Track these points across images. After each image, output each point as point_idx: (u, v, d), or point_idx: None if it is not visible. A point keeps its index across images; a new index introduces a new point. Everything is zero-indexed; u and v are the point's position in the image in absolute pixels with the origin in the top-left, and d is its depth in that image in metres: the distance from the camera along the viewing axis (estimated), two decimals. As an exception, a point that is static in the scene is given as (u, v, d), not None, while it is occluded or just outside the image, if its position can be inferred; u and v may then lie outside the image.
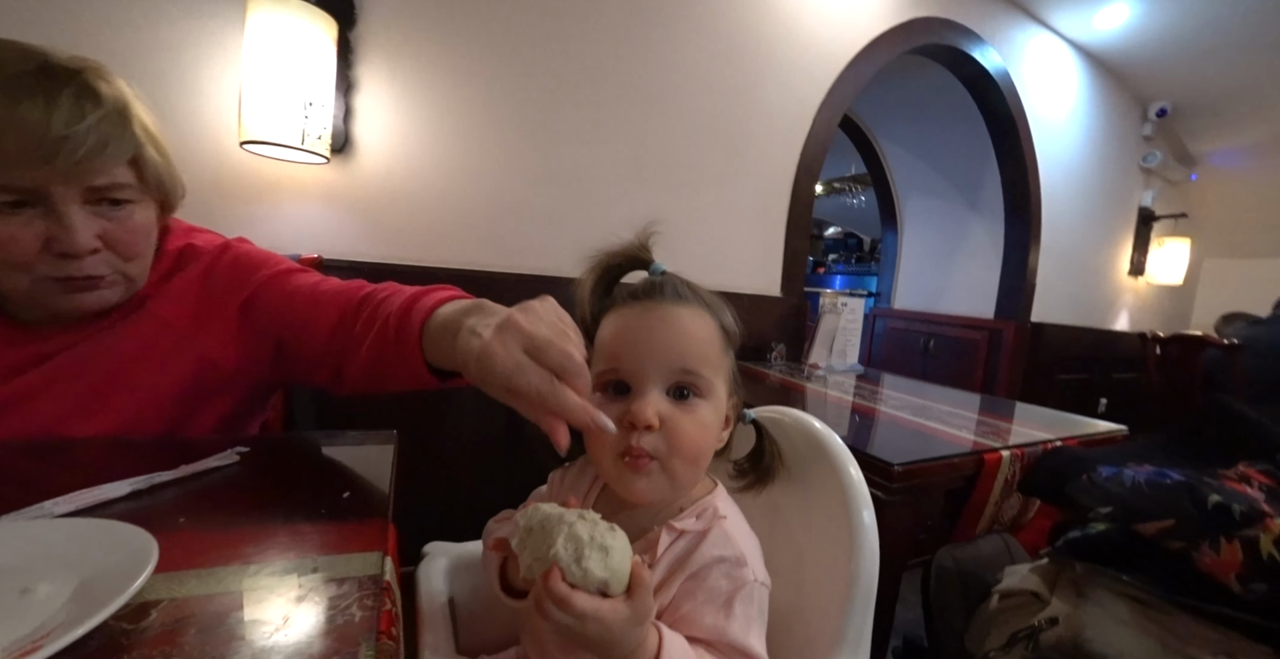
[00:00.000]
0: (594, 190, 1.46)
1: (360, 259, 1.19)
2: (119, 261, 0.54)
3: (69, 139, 0.47)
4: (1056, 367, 2.69)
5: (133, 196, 0.54)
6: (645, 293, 0.43)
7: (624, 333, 0.42)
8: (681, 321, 0.41)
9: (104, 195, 0.52)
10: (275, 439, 0.62)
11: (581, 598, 0.31)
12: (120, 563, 0.33)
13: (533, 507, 0.35)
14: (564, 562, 0.31)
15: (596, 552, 0.31)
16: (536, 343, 0.37)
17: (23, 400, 0.55)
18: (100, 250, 0.52)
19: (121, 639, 0.29)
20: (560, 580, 0.31)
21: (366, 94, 1.18)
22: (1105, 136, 2.83)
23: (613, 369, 0.41)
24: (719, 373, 0.42)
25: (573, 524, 0.32)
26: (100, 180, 0.51)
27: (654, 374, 0.40)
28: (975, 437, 0.96)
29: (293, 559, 0.38)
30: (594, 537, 0.32)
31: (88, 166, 0.49)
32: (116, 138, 0.50)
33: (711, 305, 0.44)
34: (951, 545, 0.86)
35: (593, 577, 0.31)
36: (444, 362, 0.51)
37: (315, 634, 0.31)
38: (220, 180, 1.07)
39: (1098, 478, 0.64)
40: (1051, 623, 0.63)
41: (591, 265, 0.45)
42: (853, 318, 1.62)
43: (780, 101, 1.75)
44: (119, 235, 0.53)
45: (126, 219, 0.54)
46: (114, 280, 0.55)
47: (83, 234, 0.50)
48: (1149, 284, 3.23)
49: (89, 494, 0.44)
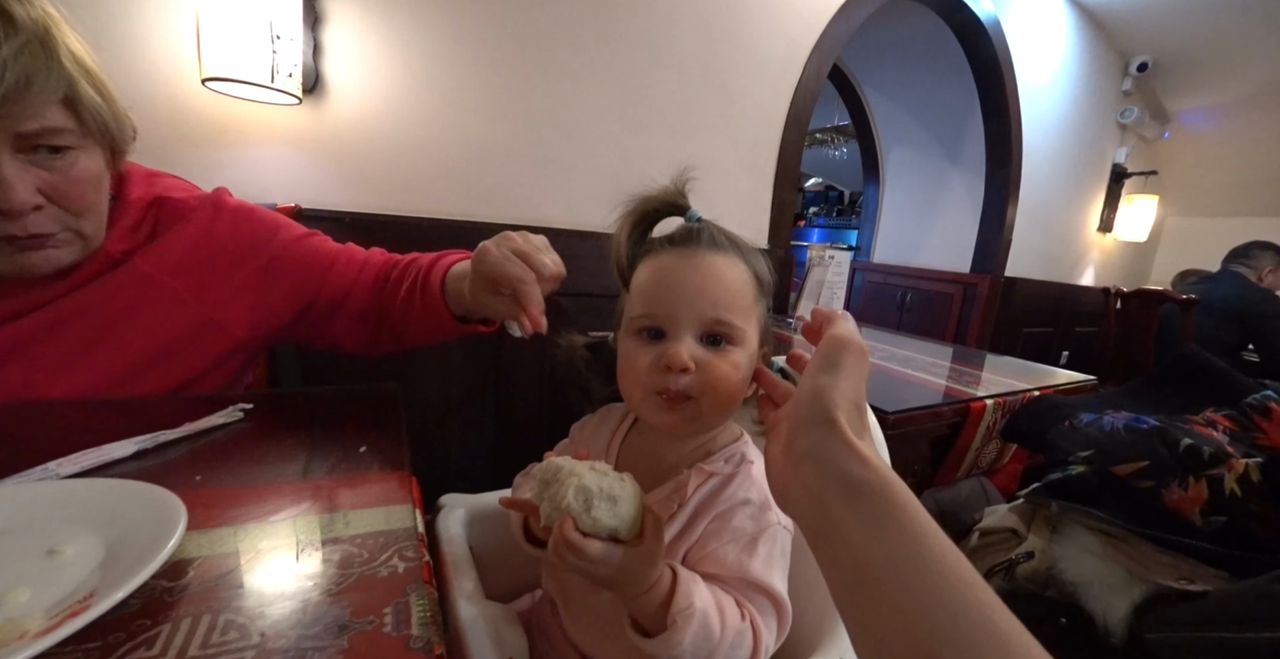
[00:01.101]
0: (580, 135, 1.40)
1: (339, 208, 1.13)
2: (67, 217, 0.49)
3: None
4: (1024, 320, 2.80)
5: (72, 142, 0.47)
6: (682, 239, 0.43)
7: (660, 279, 0.42)
8: (716, 269, 0.41)
9: (38, 142, 0.45)
10: (277, 395, 0.60)
11: (593, 544, 0.32)
12: (146, 522, 0.32)
13: (548, 461, 0.36)
14: (575, 511, 0.33)
15: (605, 502, 0.33)
16: (524, 249, 0.51)
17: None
18: (44, 206, 0.47)
19: (164, 597, 0.29)
20: (573, 528, 0.32)
21: (335, 28, 1.08)
22: (1087, 90, 2.82)
23: (648, 314, 0.42)
24: (750, 321, 0.42)
25: (582, 476, 0.34)
26: (29, 125, 0.44)
27: (689, 320, 0.40)
28: (959, 386, 1.00)
29: (322, 513, 0.38)
30: (602, 488, 0.33)
31: (12, 109, 0.43)
32: (42, 72, 0.43)
33: (746, 254, 0.44)
34: (934, 489, 0.91)
35: (602, 525, 0.33)
36: (461, 308, 0.61)
37: (360, 587, 0.31)
38: (179, 123, 0.99)
39: (1079, 424, 0.68)
40: (1028, 557, 0.68)
41: (628, 210, 0.44)
42: (839, 271, 1.63)
43: (771, 45, 1.68)
44: (63, 187, 0.47)
45: (69, 168, 0.47)
46: (66, 239, 0.50)
47: (20, 189, 0.44)
48: (1115, 241, 3.33)
49: (94, 454, 0.42)
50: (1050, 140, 2.70)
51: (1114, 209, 3.20)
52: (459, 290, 0.58)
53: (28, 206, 0.45)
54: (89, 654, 0.25)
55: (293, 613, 0.28)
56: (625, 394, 0.44)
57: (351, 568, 0.32)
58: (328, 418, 0.56)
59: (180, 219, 0.59)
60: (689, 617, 0.34)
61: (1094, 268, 3.29)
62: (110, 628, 0.26)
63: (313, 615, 0.28)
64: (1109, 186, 3.15)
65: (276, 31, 0.92)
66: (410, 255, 0.68)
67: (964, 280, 2.68)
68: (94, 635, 0.26)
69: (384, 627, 0.28)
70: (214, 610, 0.28)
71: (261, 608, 0.29)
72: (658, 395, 0.41)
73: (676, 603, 0.34)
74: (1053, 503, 0.71)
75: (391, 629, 0.28)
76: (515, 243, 0.51)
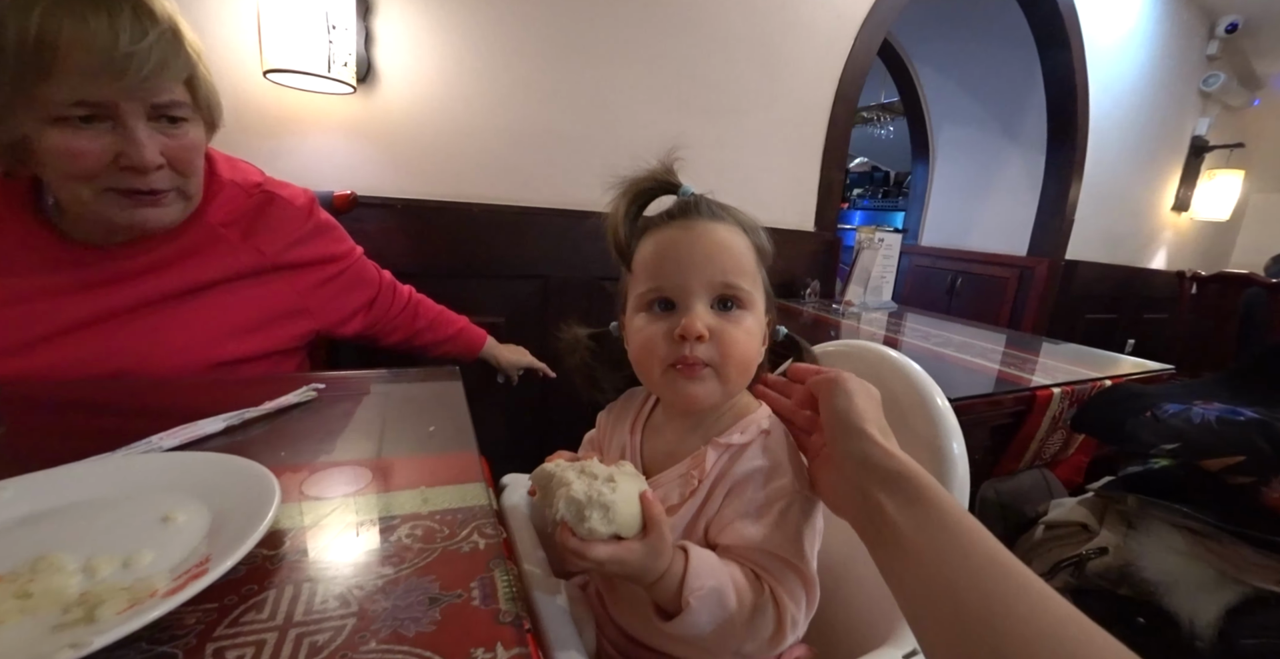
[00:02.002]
0: (622, 117, 1.38)
1: (392, 195, 1.16)
2: (177, 178, 0.57)
3: (134, 56, 0.49)
4: (1084, 306, 2.64)
5: (187, 115, 0.56)
6: (681, 212, 0.43)
7: (665, 251, 0.42)
8: (719, 236, 0.42)
9: (164, 112, 0.54)
10: (346, 377, 0.63)
11: (595, 548, 0.32)
12: (245, 493, 0.34)
13: (540, 468, 0.36)
14: (570, 522, 0.33)
15: (596, 510, 0.33)
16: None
17: (102, 319, 0.57)
18: (163, 166, 0.55)
19: (266, 565, 0.31)
20: (570, 536, 0.33)
21: (386, 16, 1.10)
22: (1165, 55, 2.60)
23: (656, 287, 0.42)
24: (757, 286, 0.43)
25: (571, 485, 0.33)
26: (162, 97, 0.53)
27: (698, 288, 0.40)
28: (1021, 373, 0.96)
29: (401, 490, 0.39)
30: (592, 496, 0.33)
31: (152, 84, 0.51)
32: (174, 56, 0.52)
33: (744, 224, 0.44)
34: (995, 478, 0.88)
35: (598, 533, 0.33)
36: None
37: (445, 561, 0.32)
38: (242, 113, 1.02)
39: (1162, 414, 0.64)
40: (1100, 552, 0.65)
41: (621, 192, 0.44)
42: (889, 254, 1.58)
43: (819, 19, 1.61)
44: (177, 152, 0.55)
45: (183, 136, 0.56)
46: (173, 199, 0.58)
47: (150, 149, 0.53)
48: (1192, 220, 3.09)
49: (189, 429, 0.45)
50: (1121, 111, 2.51)
51: (1192, 186, 2.96)
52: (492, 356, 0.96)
53: (153, 165, 0.54)
54: (208, 614, 0.27)
55: (385, 585, 0.29)
56: (644, 373, 0.44)
57: (434, 543, 0.33)
58: (395, 398, 0.58)
59: (286, 213, 0.69)
60: (702, 597, 0.34)
61: (1166, 249, 3.07)
62: (224, 591, 0.28)
63: (404, 587, 0.29)
64: (1187, 161, 2.92)
65: (332, 22, 0.94)
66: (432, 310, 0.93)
67: (1019, 264, 2.55)
68: (211, 597, 0.27)
69: (472, 600, 0.29)
70: (312, 579, 0.30)
71: (355, 579, 0.30)
72: (675, 369, 0.40)
73: (689, 584, 0.34)
74: (1129, 497, 0.67)
75: (480, 603, 0.28)
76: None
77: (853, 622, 0.48)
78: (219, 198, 0.64)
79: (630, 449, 0.48)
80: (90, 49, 0.47)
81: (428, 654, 0.25)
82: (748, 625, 0.36)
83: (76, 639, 0.22)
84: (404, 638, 0.26)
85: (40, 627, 0.24)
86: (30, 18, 0.46)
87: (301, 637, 0.26)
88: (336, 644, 0.25)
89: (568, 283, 1.34)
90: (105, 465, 0.37)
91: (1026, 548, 0.75)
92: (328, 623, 0.26)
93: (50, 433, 0.47)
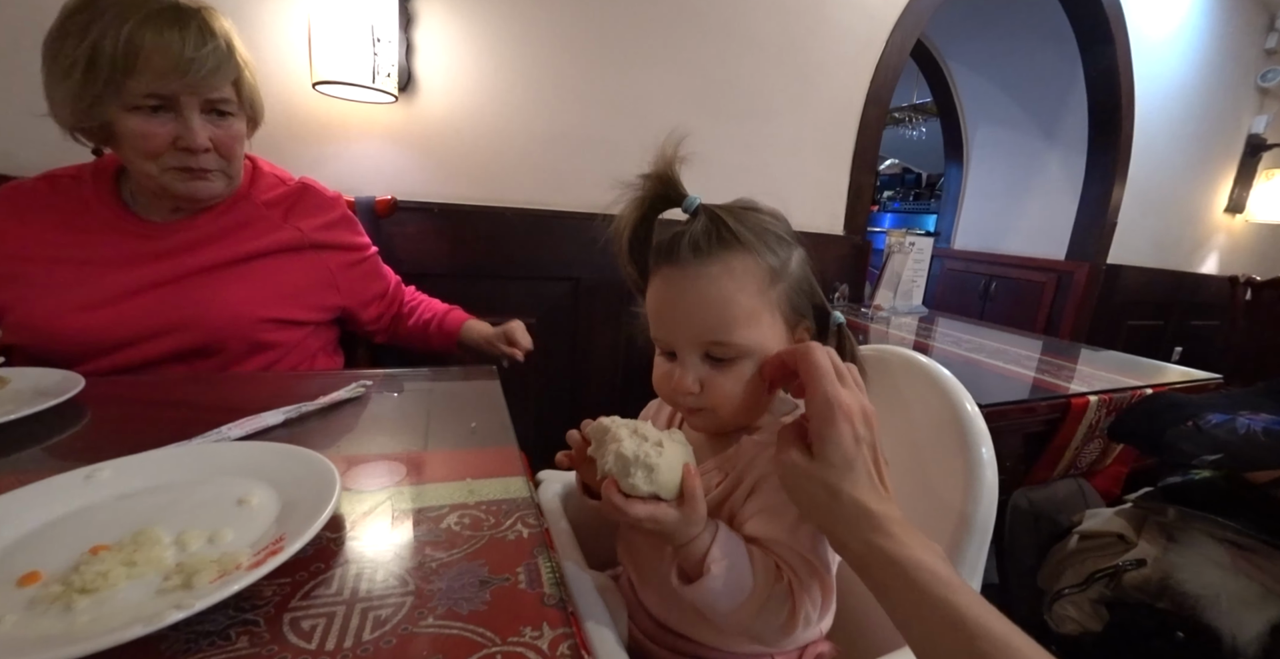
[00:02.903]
0: (653, 120, 1.40)
1: (430, 199, 1.20)
2: (221, 161, 0.69)
3: (196, 60, 0.61)
4: (1127, 312, 2.55)
5: (233, 110, 0.68)
6: (669, 251, 0.41)
7: (658, 303, 0.42)
8: (701, 288, 0.39)
9: (215, 106, 0.66)
10: (391, 375, 0.66)
11: (635, 505, 0.34)
12: (309, 480, 0.37)
13: (599, 421, 0.38)
14: (616, 476, 0.35)
15: (641, 470, 0.34)
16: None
17: (167, 282, 0.67)
18: (210, 150, 0.67)
19: (330, 546, 0.34)
20: (615, 491, 0.35)
21: (425, 28, 1.14)
22: (1219, 50, 2.48)
23: (658, 338, 0.43)
24: (755, 324, 0.40)
25: (622, 442, 0.35)
26: (215, 94, 0.65)
27: (687, 345, 0.41)
28: (1057, 381, 0.94)
29: (449, 481, 0.42)
30: (639, 456, 0.35)
31: (209, 82, 0.64)
32: (226, 61, 0.65)
33: (745, 242, 0.40)
34: (1027, 488, 0.86)
35: (639, 490, 0.35)
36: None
37: (492, 548, 0.34)
38: (293, 123, 1.08)
39: (1205, 425, 0.62)
40: (1138, 564, 0.63)
41: (624, 216, 0.42)
42: (920, 258, 1.56)
43: (851, 21, 1.60)
44: (223, 139, 0.68)
45: (229, 127, 0.68)
46: (217, 176, 0.70)
47: (201, 135, 0.65)
48: (1247, 223, 2.95)
49: (253, 421, 0.48)
50: (1170, 109, 2.41)
51: (1248, 186, 2.82)
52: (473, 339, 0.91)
53: (202, 147, 0.65)
54: (283, 587, 0.29)
55: (439, 567, 0.32)
56: (662, 397, 0.46)
57: (482, 531, 0.36)
58: (438, 395, 0.61)
59: (320, 200, 0.81)
60: (724, 568, 0.36)
61: (1218, 253, 2.93)
62: (296, 568, 0.31)
63: (456, 570, 0.32)
64: (1242, 160, 2.78)
65: (377, 35, 0.98)
66: (416, 301, 0.97)
67: (1058, 268, 2.47)
68: (285, 573, 0.30)
69: (519, 584, 0.31)
70: (372, 560, 0.32)
71: (411, 561, 0.32)
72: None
73: (712, 554, 0.36)
74: (1170, 508, 0.66)
75: (526, 586, 0.31)
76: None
77: (877, 620, 0.48)
78: (261, 183, 0.78)
79: None
80: (165, 54, 0.60)
81: (481, 630, 0.27)
82: (761, 607, 0.37)
83: (179, 601, 0.25)
84: (459, 616, 0.28)
85: (146, 590, 0.27)
86: (124, 29, 0.59)
87: (366, 611, 0.28)
88: (398, 619, 0.28)
89: (598, 284, 1.36)
90: (185, 452, 0.41)
91: (1060, 558, 0.73)
92: (389, 599, 0.29)
93: (133, 422, 0.52)
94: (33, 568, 0.28)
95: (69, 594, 0.26)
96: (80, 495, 0.34)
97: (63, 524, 0.32)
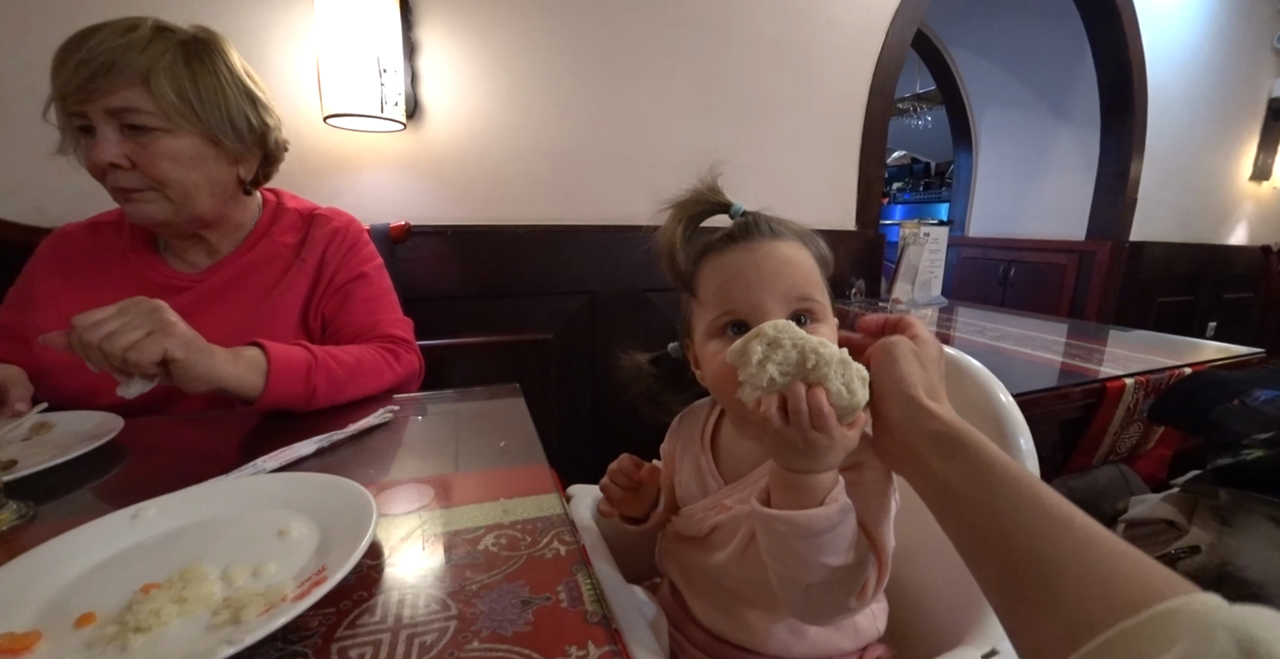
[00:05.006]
0: (657, 129, 1.41)
1: (443, 222, 1.22)
2: (147, 180, 0.62)
3: (84, 61, 0.54)
4: (1155, 289, 2.48)
5: (155, 124, 0.60)
6: (742, 234, 0.44)
7: (733, 274, 0.42)
8: (787, 254, 0.43)
9: (124, 120, 0.58)
10: (416, 398, 0.67)
11: (835, 420, 0.32)
12: (346, 509, 0.37)
13: (781, 322, 0.34)
14: (834, 385, 0.32)
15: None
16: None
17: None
18: (129, 168, 0.60)
19: (371, 573, 0.34)
20: (828, 400, 0.32)
21: (429, 55, 1.17)
22: (1232, 13, 2.42)
23: (729, 310, 0.42)
24: (825, 297, 0.43)
25: (844, 354, 0.33)
26: (115, 103, 0.57)
27: (773, 306, 0.41)
28: (1089, 364, 0.92)
29: (482, 502, 0.42)
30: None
31: (95, 86, 0.55)
32: (124, 61, 0.56)
33: (803, 237, 0.45)
34: (1066, 476, 0.84)
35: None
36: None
37: (531, 567, 0.34)
38: (307, 158, 1.10)
39: (1253, 402, 0.60)
40: (1191, 551, 0.61)
41: (672, 217, 0.44)
42: (936, 248, 1.53)
43: (849, 15, 1.60)
44: (143, 158, 0.60)
45: (149, 144, 0.60)
46: (152, 197, 0.63)
47: (102, 149, 0.58)
48: (1275, 190, 2.85)
49: (287, 452, 0.49)
50: (1185, 78, 2.35)
51: (1273, 152, 2.74)
52: None
53: (103, 162, 0.58)
54: (328, 617, 0.30)
55: (480, 589, 0.32)
56: (722, 395, 0.44)
57: (519, 550, 0.36)
58: (464, 416, 0.62)
59: (327, 230, 0.78)
60: (841, 508, 0.34)
61: (1247, 223, 2.84)
62: (340, 597, 0.31)
63: (497, 592, 0.32)
64: (1265, 125, 2.70)
65: (383, 65, 1.01)
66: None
67: (1078, 249, 2.42)
68: (329, 603, 0.30)
69: (560, 602, 0.31)
70: (414, 586, 0.33)
71: (452, 584, 0.32)
72: None
73: (834, 493, 0.34)
74: (1221, 491, 0.63)
75: (568, 605, 0.30)
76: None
77: (931, 624, 0.47)
78: (284, 221, 0.77)
79: (705, 465, 0.48)
80: (62, 60, 0.55)
81: (528, 652, 0.27)
82: (855, 565, 0.35)
83: (229, 636, 0.25)
84: (503, 638, 0.28)
85: (196, 627, 0.27)
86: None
87: (412, 637, 0.28)
88: (443, 644, 0.28)
89: (613, 296, 1.37)
90: (224, 486, 0.41)
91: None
92: (433, 625, 0.29)
93: (171, 458, 0.53)
94: (88, 609, 0.28)
95: (124, 634, 0.26)
96: (128, 535, 0.35)
97: (113, 564, 0.33)
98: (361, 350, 0.69)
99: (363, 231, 0.83)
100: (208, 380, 0.53)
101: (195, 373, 0.52)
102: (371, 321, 0.76)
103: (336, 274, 0.77)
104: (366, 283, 0.79)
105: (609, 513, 0.53)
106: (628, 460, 0.52)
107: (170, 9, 0.95)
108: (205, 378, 0.53)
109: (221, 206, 0.70)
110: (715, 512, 0.46)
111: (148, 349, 0.49)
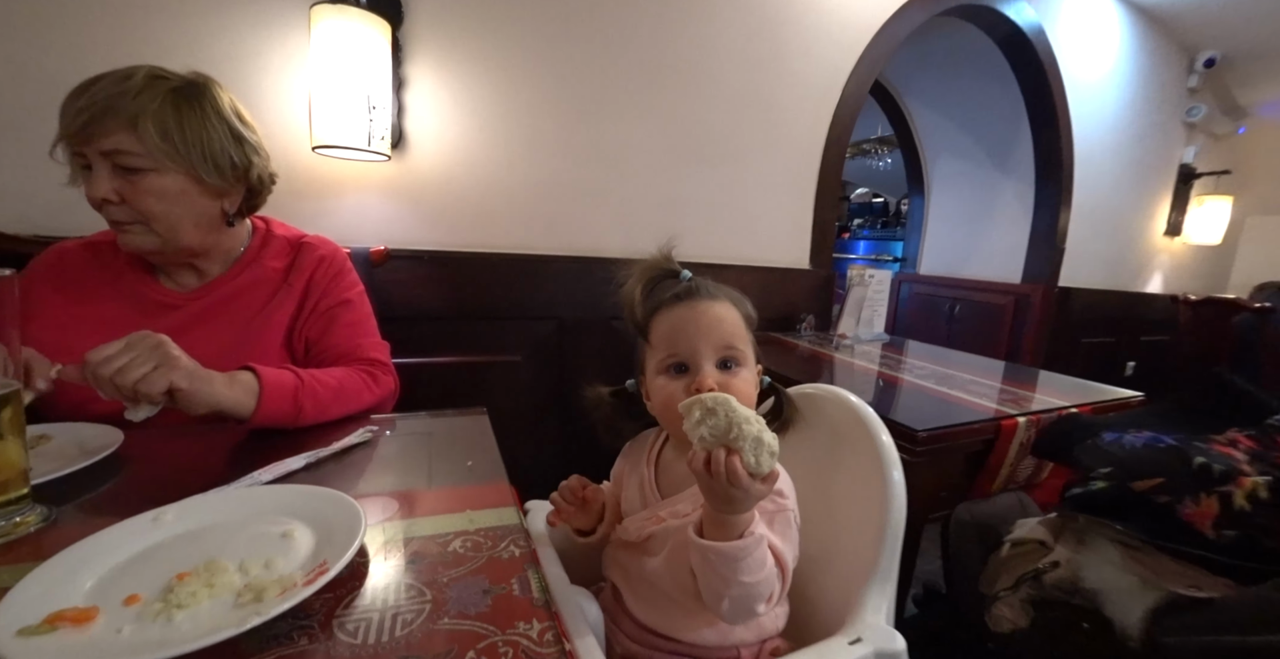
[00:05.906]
0: (632, 169, 1.52)
1: (420, 247, 1.29)
2: (134, 214, 0.68)
3: (84, 109, 0.62)
4: (1082, 330, 2.71)
5: (144, 165, 0.66)
6: (686, 294, 0.56)
7: (678, 325, 0.55)
8: (720, 313, 0.55)
9: (115, 160, 0.65)
10: (392, 419, 0.74)
11: (747, 478, 0.40)
12: (338, 517, 0.45)
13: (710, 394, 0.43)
14: (747, 457, 0.40)
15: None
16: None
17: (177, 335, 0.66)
18: (119, 203, 0.67)
19: (361, 568, 0.42)
20: (740, 464, 0.40)
21: (416, 90, 1.25)
22: (1147, 91, 2.73)
23: (672, 354, 0.54)
24: (749, 347, 0.55)
25: (760, 432, 0.40)
26: (107, 145, 0.64)
27: (706, 353, 0.53)
28: (994, 404, 1.05)
29: (452, 513, 0.50)
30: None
31: (90, 131, 0.63)
32: (118, 104, 0.63)
33: (734, 300, 0.57)
34: (970, 502, 0.96)
35: (761, 471, 0.40)
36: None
37: (491, 565, 0.42)
38: (294, 182, 1.17)
39: (1101, 442, 0.73)
40: (1054, 566, 0.73)
41: (635, 279, 0.57)
42: (879, 288, 1.68)
43: (809, 72, 1.75)
44: (132, 195, 0.67)
45: (137, 182, 0.67)
46: (140, 230, 0.69)
47: (95, 186, 0.65)
48: (1185, 244, 3.17)
49: (279, 466, 0.56)
50: (1108, 143, 2.63)
51: (1183, 211, 3.05)
52: None
53: (97, 197, 0.65)
54: (329, 600, 0.37)
55: (449, 581, 0.40)
56: (667, 422, 0.56)
57: (482, 552, 0.44)
58: (437, 436, 0.69)
59: (314, 257, 0.84)
60: (757, 538, 0.44)
61: (1162, 273, 3.14)
62: (337, 585, 0.39)
63: (464, 583, 0.40)
64: (1176, 188, 3.02)
65: (372, 103, 1.09)
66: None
67: (1016, 291, 2.63)
68: (329, 590, 0.38)
69: (514, 591, 0.39)
70: (397, 578, 0.40)
71: (427, 577, 0.40)
72: None
73: (752, 528, 0.44)
74: (1080, 516, 0.76)
75: (519, 593, 0.39)
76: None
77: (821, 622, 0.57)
78: (273, 246, 0.83)
79: (646, 480, 0.59)
80: (67, 107, 0.63)
81: (486, 626, 0.35)
82: (766, 581, 0.45)
83: (256, 610, 0.33)
84: (468, 615, 0.36)
85: (226, 606, 0.35)
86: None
87: (395, 615, 0.36)
88: (420, 620, 0.36)
89: (581, 323, 1.46)
90: (229, 495, 0.48)
91: (996, 564, 0.83)
92: (412, 606, 0.37)
93: (169, 469, 0.59)
94: (133, 592, 0.35)
95: (169, 609, 0.33)
96: (152, 534, 0.42)
97: (145, 557, 0.40)
98: (344, 373, 0.76)
99: (347, 259, 0.90)
100: (208, 405, 0.60)
101: (197, 399, 0.59)
102: (353, 345, 0.83)
103: (322, 299, 0.83)
104: (349, 308, 0.85)
105: (554, 522, 0.62)
106: (575, 479, 0.61)
107: (173, 37, 1.02)
108: (206, 403, 0.60)
109: (206, 237, 0.75)
110: (651, 522, 0.55)
111: (156, 382, 0.56)
